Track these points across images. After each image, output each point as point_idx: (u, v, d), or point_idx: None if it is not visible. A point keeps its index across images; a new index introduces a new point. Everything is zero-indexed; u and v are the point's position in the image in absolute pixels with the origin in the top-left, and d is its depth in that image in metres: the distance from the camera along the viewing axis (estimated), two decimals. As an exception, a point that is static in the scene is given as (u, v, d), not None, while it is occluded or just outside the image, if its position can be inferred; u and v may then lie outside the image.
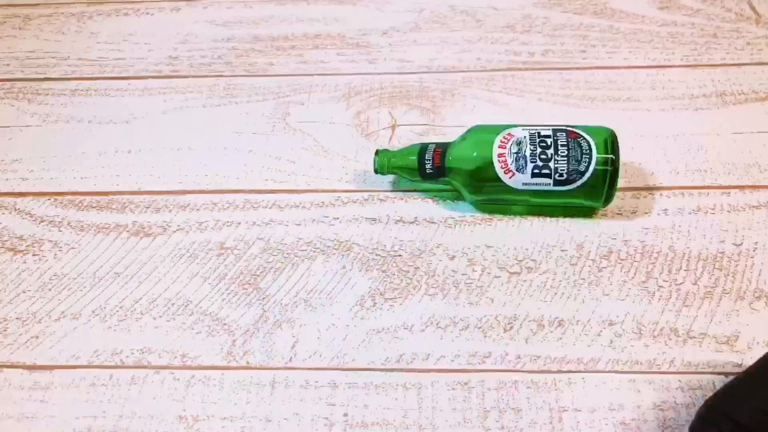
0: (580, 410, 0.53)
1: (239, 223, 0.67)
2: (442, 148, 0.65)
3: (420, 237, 0.65)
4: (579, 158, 0.60)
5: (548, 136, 0.62)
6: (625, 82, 0.80)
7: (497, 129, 0.64)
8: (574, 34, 0.87)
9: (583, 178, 0.60)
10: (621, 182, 0.68)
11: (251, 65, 0.86)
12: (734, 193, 0.67)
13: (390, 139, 0.75)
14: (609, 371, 0.55)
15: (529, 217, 0.66)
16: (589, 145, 0.61)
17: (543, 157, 0.61)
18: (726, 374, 0.54)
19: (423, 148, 0.66)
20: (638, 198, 0.67)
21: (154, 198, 0.70)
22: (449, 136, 0.75)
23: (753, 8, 0.86)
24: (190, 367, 0.57)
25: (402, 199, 0.69)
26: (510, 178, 0.61)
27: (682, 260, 0.62)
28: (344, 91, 0.81)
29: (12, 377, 0.57)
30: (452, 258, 0.63)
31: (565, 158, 0.60)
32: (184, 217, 0.68)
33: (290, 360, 0.57)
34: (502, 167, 0.61)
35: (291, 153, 0.74)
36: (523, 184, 0.62)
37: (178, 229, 0.67)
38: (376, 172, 0.67)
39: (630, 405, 0.53)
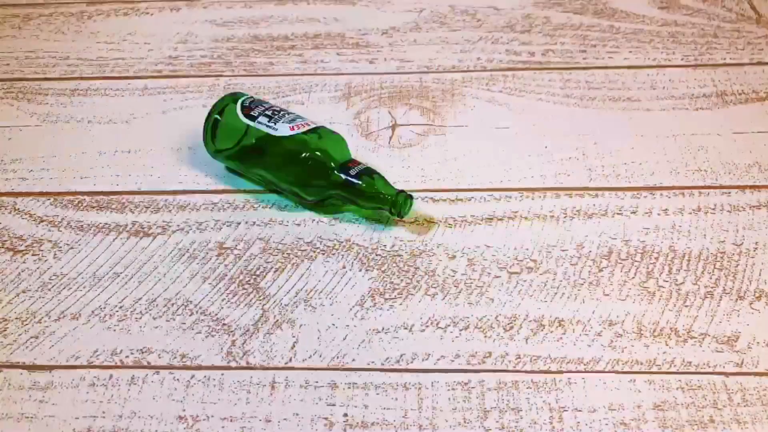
0: (580, 410, 0.52)
1: (239, 223, 0.67)
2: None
3: (420, 237, 0.65)
4: None
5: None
6: (626, 81, 0.80)
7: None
8: (574, 34, 0.87)
9: None
10: (622, 182, 0.69)
11: (251, 65, 0.86)
12: (735, 193, 0.67)
13: (390, 139, 0.75)
14: (609, 371, 0.55)
15: (530, 218, 0.66)
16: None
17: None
18: (726, 374, 0.54)
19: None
20: (638, 198, 0.67)
21: (154, 198, 0.70)
22: (449, 136, 0.75)
23: (753, 8, 0.86)
24: (189, 368, 0.57)
25: (402, 199, 0.69)
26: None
27: (683, 260, 0.62)
28: (344, 91, 0.81)
29: (12, 377, 0.57)
30: (452, 258, 0.63)
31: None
32: (184, 217, 0.68)
33: (290, 360, 0.57)
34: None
35: (291, 153, 0.74)
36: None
37: (178, 229, 0.67)
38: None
39: (630, 405, 0.53)
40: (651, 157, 0.71)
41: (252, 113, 0.68)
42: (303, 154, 0.65)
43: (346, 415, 0.53)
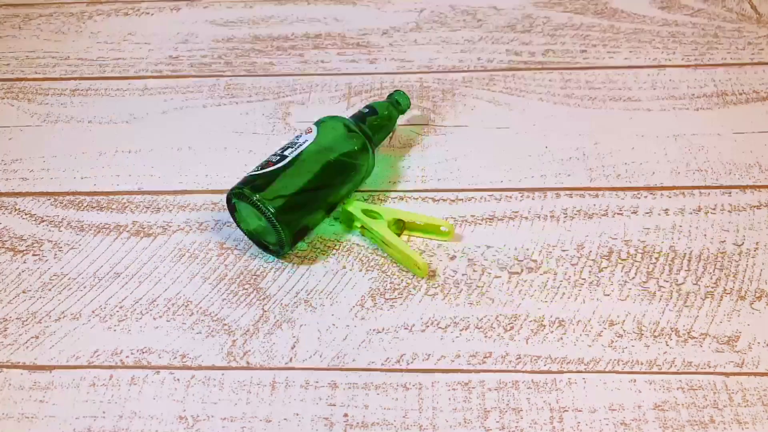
0: (580, 410, 0.52)
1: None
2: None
3: (420, 237, 0.65)
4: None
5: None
6: (626, 81, 0.80)
7: None
8: (574, 34, 0.87)
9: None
10: (622, 182, 0.69)
11: (251, 65, 0.86)
12: (735, 193, 0.67)
13: (390, 138, 0.75)
14: (609, 371, 0.55)
15: (530, 217, 0.66)
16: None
17: None
18: (727, 374, 0.54)
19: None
20: (639, 198, 0.67)
21: (154, 198, 0.70)
22: (449, 136, 0.75)
23: (754, 8, 0.86)
24: (190, 368, 0.57)
25: (402, 199, 0.69)
26: None
27: (683, 260, 0.62)
28: (344, 91, 0.81)
29: (12, 377, 0.57)
30: (452, 258, 0.63)
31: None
32: (184, 217, 0.68)
33: (290, 360, 0.57)
34: None
35: (291, 153, 0.74)
36: None
37: (178, 229, 0.67)
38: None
39: (630, 405, 0.53)
40: (651, 157, 0.71)
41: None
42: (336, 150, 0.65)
43: (346, 415, 0.53)
